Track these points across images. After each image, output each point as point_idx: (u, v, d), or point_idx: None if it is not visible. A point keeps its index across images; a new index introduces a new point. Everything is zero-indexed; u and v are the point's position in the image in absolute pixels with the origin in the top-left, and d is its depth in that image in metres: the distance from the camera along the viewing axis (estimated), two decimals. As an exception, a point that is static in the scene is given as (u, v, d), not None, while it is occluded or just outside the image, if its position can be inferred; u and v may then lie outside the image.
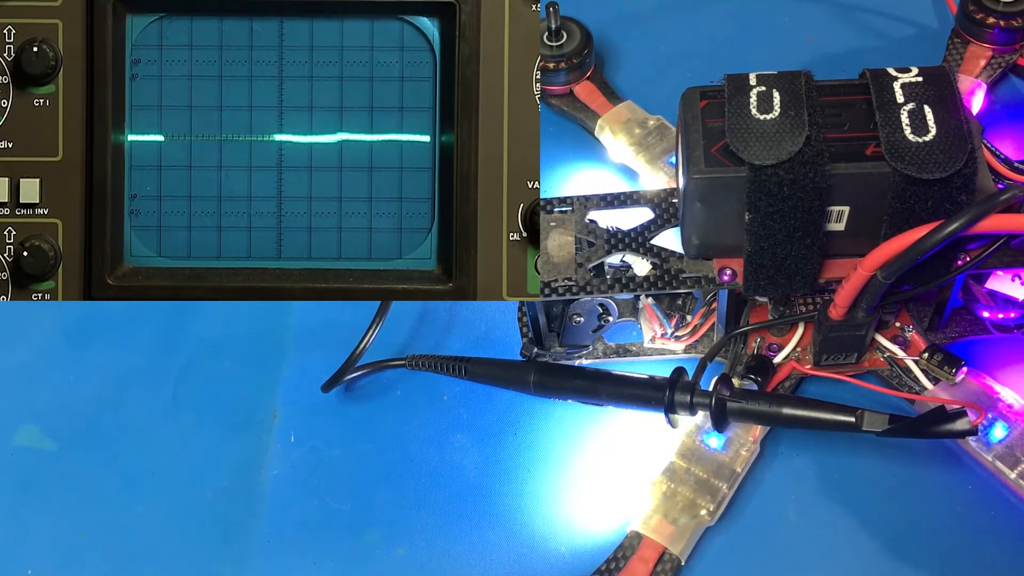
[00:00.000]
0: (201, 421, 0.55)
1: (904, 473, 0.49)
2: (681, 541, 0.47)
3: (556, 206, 0.49)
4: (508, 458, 0.52)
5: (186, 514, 0.52)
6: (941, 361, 0.49)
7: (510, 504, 0.51)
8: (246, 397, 0.56)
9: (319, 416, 0.55)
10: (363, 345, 0.52)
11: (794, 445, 0.51)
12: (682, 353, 0.53)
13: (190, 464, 0.54)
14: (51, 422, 0.56)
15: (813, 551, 0.48)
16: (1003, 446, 0.48)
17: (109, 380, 0.57)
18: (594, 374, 0.48)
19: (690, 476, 0.49)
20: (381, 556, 0.50)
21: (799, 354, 0.51)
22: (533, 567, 0.49)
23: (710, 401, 0.45)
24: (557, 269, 0.46)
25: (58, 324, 0.60)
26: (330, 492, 0.52)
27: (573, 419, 0.53)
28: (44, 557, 0.52)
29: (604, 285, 0.46)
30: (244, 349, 0.58)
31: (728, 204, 0.43)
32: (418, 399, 0.55)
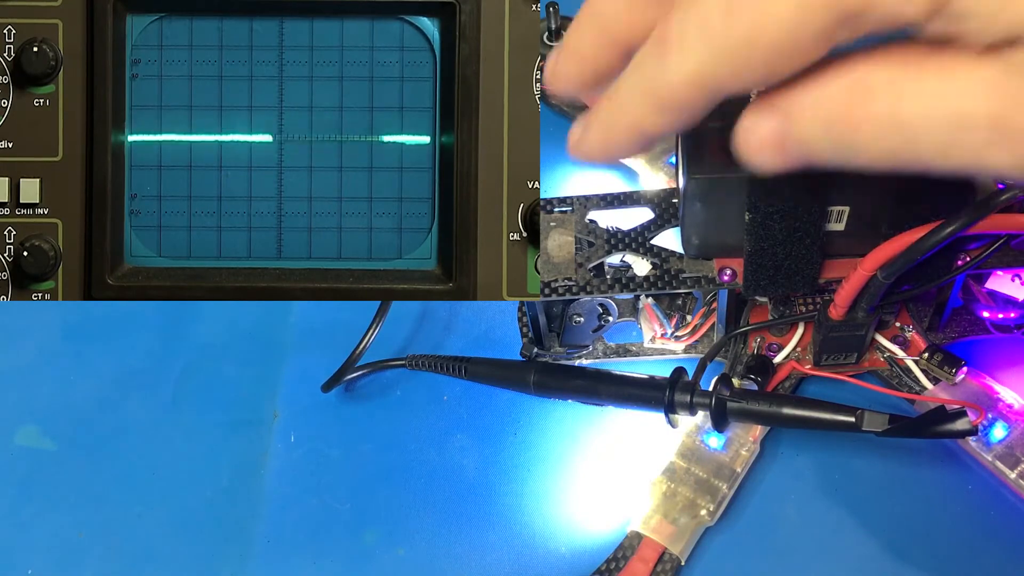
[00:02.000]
0: (201, 421, 0.55)
1: (904, 473, 0.49)
2: (681, 541, 0.47)
3: (556, 206, 0.49)
4: (508, 458, 0.52)
5: (186, 514, 0.52)
6: (941, 361, 0.49)
7: (510, 504, 0.51)
8: (246, 397, 0.56)
9: (319, 416, 0.55)
10: (363, 345, 0.52)
11: (794, 445, 0.51)
12: (682, 353, 0.53)
13: (190, 464, 0.54)
14: (51, 422, 0.56)
15: (813, 551, 0.48)
16: (1003, 446, 0.48)
17: (109, 380, 0.57)
18: (594, 374, 0.48)
19: (690, 476, 0.49)
20: (381, 556, 0.50)
21: (799, 354, 0.51)
22: (533, 567, 0.49)
23: (710, 401, 0.45)
24: (557, 269, 0.46)
25: (58, 324, 0.60)
26: (330, 492, 0.52)
27: (573, 419, 0.53)
28: (44, 557, 0.52)
29: (604, 285, 0.46)
30: (244, 349, 0.58)
31: (728, 204, 0.43)
32: (418, 399, 0.55)
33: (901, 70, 0.26)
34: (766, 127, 0.28)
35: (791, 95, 0.28)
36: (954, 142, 0.25)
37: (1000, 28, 0.23)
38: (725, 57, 0.26)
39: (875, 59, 0.26)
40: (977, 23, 0.24)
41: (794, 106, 0.28)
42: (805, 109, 0.27)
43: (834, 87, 0.27)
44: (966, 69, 0.25)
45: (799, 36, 0.25)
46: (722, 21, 0.26)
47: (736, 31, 0.26)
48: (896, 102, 0.26)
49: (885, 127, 0.26)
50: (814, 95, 0.27)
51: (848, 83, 0.26)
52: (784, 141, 0.28)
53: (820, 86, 0.27)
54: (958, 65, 0.25)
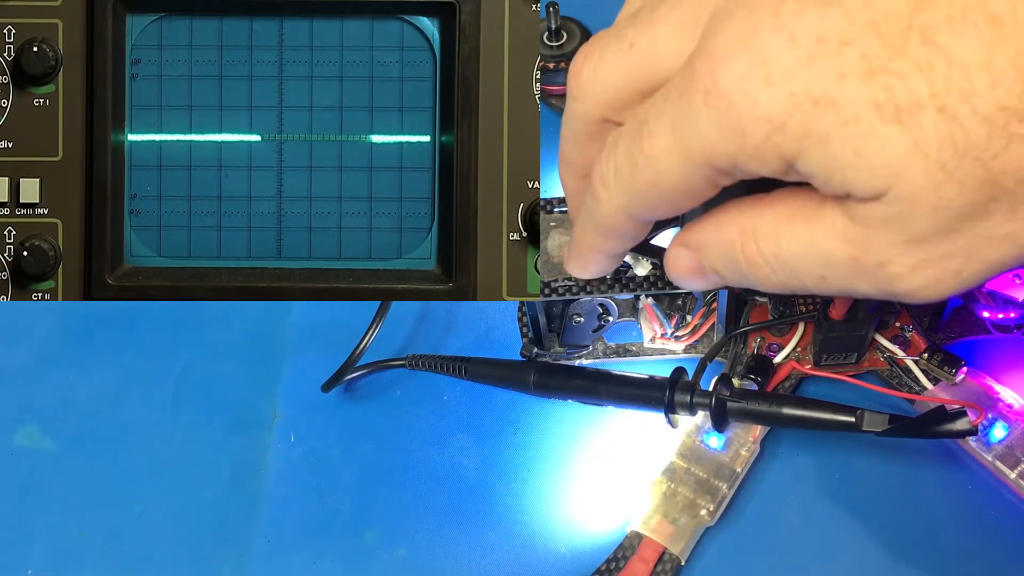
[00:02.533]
0: (201, 421, 0.55)
1: (904, 473, 0.49)
2: (681, 541, 0.47)
3: (556, 206, 0.49)
4: (508, 458, 0.52)
5: (186, 514, 0.52)
6: (941, 361, 0.49)
7: (510, 504, 0.51)
8: (246, 397, 0.56)
9: (319, 416, 0.55)
10: (363, 345, 0.52)
11: (794, 445, 0.51)
12: (682, 353, 0.53)
13: (190, 464, 0.54)
14: (51, 422, 0.56)
15: (813, 551, 0.48)
16: (1003, 446, 0.48)
17: (109, 380, 0.57)
18: (594, 374, 0.48)
19: (690, 476, 0.49)
20: (381, 556, 0.50)
21: (799, 354, 0.51)
22: (533, 567, 0.49)
23: (710, 401, 0.45)
24: (557, 269, 0.46)
25: (58, 324, 0.60)
26: (330, 492, 0.52)
27: (573, 419, 0.53)
28: (44, 557, 0.52)
29: (604, 285, 0.46)
30: (244, 349, 0.58)
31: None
32: (418, 399, 0.55)
33: (781, 218, 0.31)
34: (685, 260, 0.34)
35: (700, 235, 0.33)
36: (827, 276, 0.31)
37: (835, 186, 0.28)
38: (638, 197, 0.32)
39: (762, 206, 0.31)
40: (817, 181, 0.29)
41: (702, 246, 0.33)
42: (711, 248, 0.33)
43: (729, 232, 0.32)
44: (827, 218, 0.30)
45: (688, 183, 0.31)
46: (630, 172, 0.31)
47: (640, 180, 0.31)
48: (776, 246, 0.31)
49: (773, 265, 0.31)
50: (716, 238, 0.33)
51: (739, 230, 0.32)
52: (702, 271, 0.34)
53: (719, 230, 0.33)
54: (823, 213, 0.30)
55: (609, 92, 0.33)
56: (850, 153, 0.27)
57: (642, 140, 0.31)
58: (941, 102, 0.26)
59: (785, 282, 0.32)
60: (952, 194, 0.27)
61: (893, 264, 0.29)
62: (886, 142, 0.27)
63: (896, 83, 0.26)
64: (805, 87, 0.27)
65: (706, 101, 0.28)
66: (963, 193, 0.27)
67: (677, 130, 0.30)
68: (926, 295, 0.30)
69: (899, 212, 0.28)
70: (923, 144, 0.26)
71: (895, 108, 0.26)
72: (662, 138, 0.30)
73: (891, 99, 0.26)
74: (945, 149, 0.26)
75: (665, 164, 0.30)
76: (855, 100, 0.27)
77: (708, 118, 0.28)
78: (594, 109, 0.34)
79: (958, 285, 0.29)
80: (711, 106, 0.28)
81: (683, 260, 0.35)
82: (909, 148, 0.27)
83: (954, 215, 0.27)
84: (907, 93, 0.26)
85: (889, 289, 0.30)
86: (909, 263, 0.29)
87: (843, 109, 0.27)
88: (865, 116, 0.27)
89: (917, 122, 0.26)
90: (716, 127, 0.28)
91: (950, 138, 0.26)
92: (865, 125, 0.27)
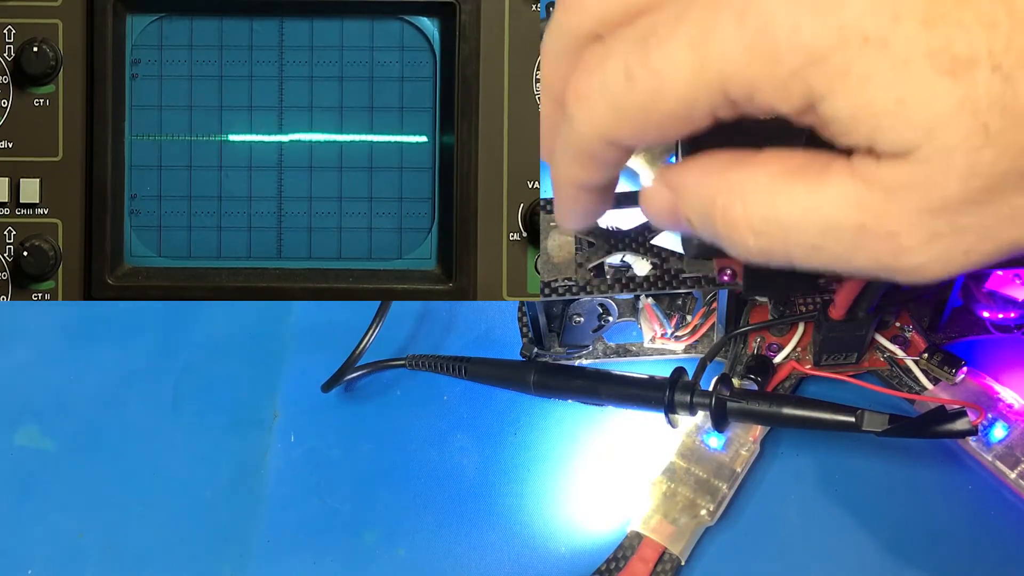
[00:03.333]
0: (201, 421, 0.55)
1: (904, 473, 0.49)
2: (681, 541, 0.47)
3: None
4: (508, 458, 0.52)
5: (186, 514, 0.52)
6: (941, 361, 0.49)
7: (510, 504, 0.51)
8: (246, 397, 0.56)
9: (319, 416, 0.55)
10: (363, 345, 0.52)
11: (794, 445, 0.51)
12: (682, 353, 0.53)
13: (190, 464, 0.54)
14: (51, 422, 0.56)
15: (813, 551, 0.48)
16: (1003, 446, 0.48)
17: (109, 380, 0.57)
18: (594, 374, 0.48)
19: (690, 476, 0.49)
20: (381, 556, 0.50)
21: (799, 354, 0.51)
22: (533, 567, 0.49)
23: (710, 401, 0.45)
24: (557, 269, 0.46)
25: (58, 324, 0.60)
26: (330, 492, 0.52)
27: (573, 419, 0.53)
28: (44, 557, 0.52)
29: (604, 285, 0.46)
30: (244, 349, 0.58)
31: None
32: (418, 399, 0.55)
33: (779, 178, 0.28)
34: (661, 199, 0.31)
35: (683, 176, 0.31)
36: (822, 246, 0.28)
37: (859, 135, 0.26)
38: (625, 117, 0.29)
39: (755, 164, 0.29)
40: (838, 127, 0.26)
41: (681, 190, 0.31)
42: (690, 195, 0.30)
43: (714, 183, 0.29)
44: (834, 179, 0.27)
45: (689, 107, 0.28)
46: (622, 87, 0.28)
47: (634, 97, 0.28)
48: (769, 208, 0.28)
49: (757, 229, 0.28)
50: (696, 186, 0.30)
51: (726, 185, 0.29)
52: (676, 216, 0.31)
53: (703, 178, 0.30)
54: (828, 175, 0.27)
55: (612, 1, 0.29)
56: (892, 100, 0.25)
57: (648, 52, 0.27)
58: (998, 61, 0.24)
59: (766, 249, 0.29)
60: (988, 160, 0.25)
61: (903, 235, 0.27)
62: (934, 93, 0.25)
63: (956, 33, 0.24)
64: (857, 22, 0.25)
65: (740, 19, 0.26)
66: (999, 161, 0.25)
67: (696, 47, 0.27)
68: (927, 273, 0.28)
69: (924, 175, 0.26)
70: (972, 101, 0.25)
71: (950, 59, 0.25)
72: (676, 52, 0.27)
73: (947, 49, 0.25)
74: (993, 110, 0.25)
75: (672, 81, 0.27)
76: (909, 44, 0.25)
77: (737, 39, 0.26)
78: (588, 22, 0.30)
79: (963, 265, 0.28)
80: (746, 26, 0.26)
81: (659, 197, 0.32)
82: (956, 103, 0.25)
83: (982, 185, 0.26)
84: (966, 46, 0.24)
85: (891, 264, 0.28)
86: (920, 235, 0.27)
87: (895, 52, 0.25)
88: (916, 62, 0.25)
89: (971, 77, 0.25)
90: (746, 49, 0.26)
91: (1000, 99, 0.25)
92: (915, 71, 0.25)
